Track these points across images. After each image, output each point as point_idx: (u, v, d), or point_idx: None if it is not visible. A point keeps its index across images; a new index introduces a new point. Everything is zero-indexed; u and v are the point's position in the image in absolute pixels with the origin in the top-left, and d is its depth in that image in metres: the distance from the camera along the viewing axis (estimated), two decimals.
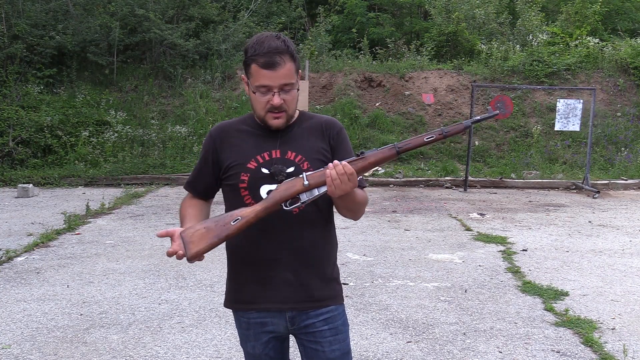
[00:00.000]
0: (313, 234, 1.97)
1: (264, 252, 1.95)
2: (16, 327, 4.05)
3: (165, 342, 3.80)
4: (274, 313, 1.97)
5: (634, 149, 12.41)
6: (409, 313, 4.35)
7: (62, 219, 7.23)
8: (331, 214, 2.05)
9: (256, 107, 1.93)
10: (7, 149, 11.29)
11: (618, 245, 6.57)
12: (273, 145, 1.96)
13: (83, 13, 14.13)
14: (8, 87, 12.45)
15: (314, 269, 1.98)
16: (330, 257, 2.05)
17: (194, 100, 13.21)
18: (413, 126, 13.15)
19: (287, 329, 2.00)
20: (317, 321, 1.98)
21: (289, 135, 1.98)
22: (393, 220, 7.76)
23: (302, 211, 1.93)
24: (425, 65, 14.54)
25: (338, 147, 2.01)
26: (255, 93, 1.90)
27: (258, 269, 1.96)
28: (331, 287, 2.03)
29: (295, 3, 16.92)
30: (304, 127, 2.01)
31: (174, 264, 5.58)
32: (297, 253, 1.95)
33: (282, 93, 1.88)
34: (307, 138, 1.99)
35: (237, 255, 2.01)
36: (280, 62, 1.85)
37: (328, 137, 2.01)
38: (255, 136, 1.98)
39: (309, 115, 2.07)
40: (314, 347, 2.00)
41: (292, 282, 1.95)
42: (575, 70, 14.03)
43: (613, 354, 3.64)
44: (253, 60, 1.86)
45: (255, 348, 2.01)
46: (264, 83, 1.86)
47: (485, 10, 16.40)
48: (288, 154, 1.95)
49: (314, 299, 1.97)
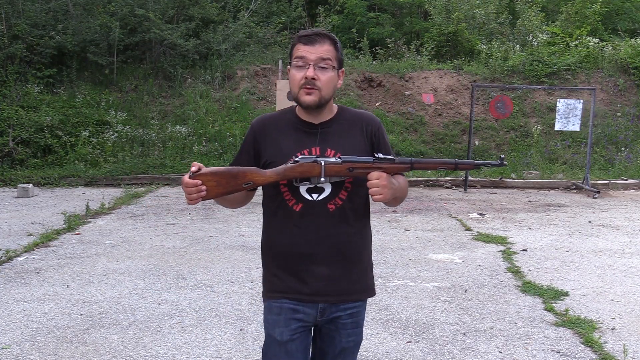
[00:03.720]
0: (348, 229, 2.03)
1: (300, 247, 2.00)
2: (16, 327, 4.04)
3: (165, 342, 3.80)
4: (307, 304, 2.02)
5: (634, 149, 12.42)
6: (409, 313, 4.34)
7: (62, 219, 7.23)
8: (367, 209, 2.11)
9: (292, 85, 1.99)
10: (7, 149, 11.29)
11: (618, 245, 6.57)
12: (313, 142, 2.01)
13: (83, 13, 14.12)
14: (8, 87, 12.45)
15: (348, 264, 2.04)
16: (365, 252, 2.12)
17: (194, 100, 13.21)
18: (413, 126, 13.15)
19: (316, 320, 2.05)
20: (344, 314, 2.06)
21: (328, 131, 2.03)
22: (393, 220, 7.76)
23: (338, 209, 2.00)
24: (425, 65, 14.54)
25: (378, 144, 2.07)
26: (292, 70, 1.97)
27: (294, 262, 2.02)
28: (365, 280, 2.11)
29: (295, 3, 16.92)
30: (343, 123, 2.06)
31: (174, 264, 5.58)
32: (333, 248, 2.01)
33: (317, 69, 1.94)
34: (347, 135, 2.04)
35: (274, 249, 2.06)
36: (319, 40, 1.95)
37: (369, 134, 2.06)
38: (296, 132, 2.02)
39: (348, 110, 2.11)
40: (333, 335, 2.08)
41: (327, 276, 2.01)
42: (575, 70, 14.03)
43: (613, 354, 3.64)
44: (297, 40, 1.98)
45: (283, 334, 2.03)
46: (301, 54, 1.94)
47: (485, 10, 16.41)
48: (327, 152, 2.00)
49: (347, 293, 2.05)
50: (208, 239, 6.65)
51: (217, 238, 6.67)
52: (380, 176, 1.90)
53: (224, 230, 7.06)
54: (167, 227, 7.21)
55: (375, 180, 1.89)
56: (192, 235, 6.82)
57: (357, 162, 1.94)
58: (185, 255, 5.94)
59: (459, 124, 13.19)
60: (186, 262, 5.66)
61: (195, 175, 1.91)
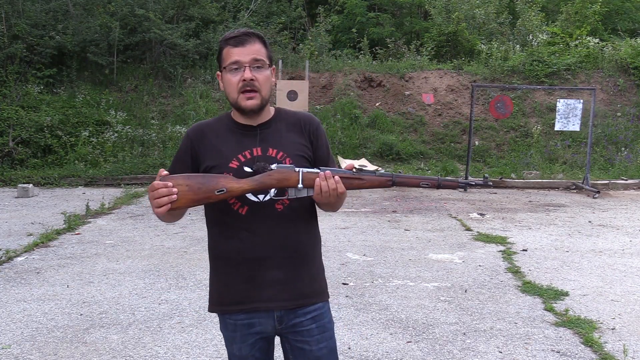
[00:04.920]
0: (298, 230, 1.97)
1: (250, 251, 1.92)
2: (16, 327, 4.05)
3: (165, 342, 3.80)
4: (262, 313, 1.95)
5: (634, 149, 12.42)
6: (409, 313, 4.34)
7: (62, 219, 7.23)
8: (314, 209, 2.06)
9: (229, 90, 1.94)
10: (7, 149, 11.29)
11: (618, 245, 6.57)
12: (253, 143, 1.96)
13: (83, 13, 14.13)
14: (8, 87, 12.45)
15: (302, 266, 1.98)
16: (316, 252, 2.06)
17: (194, 100, 13.22)
18: (413, 126, 13.15)
19: (275, 329, 1.98)
20: (305, 320, 1.97)
21: (268, 131, 1.98)
22: (393, 220, 7.76)
23: (287, 208, 1.94)
24: (425, 65, 14.55)
25: (317, 144, 2.03)
26: (227, 75, 1.92)
27: (245, 268, 1.93)
28: (318, 283, 2.04)
29: (295, 3, 16.92)
30: (282, 123, 2.02)
31: (174, 264, 5.58)
32: (284, 250, 1.94)
33: (253, 70, 1.90)
34: (287, 134, 2.00)
35: (223, 256, 1.98)
36: (249, 40, 1.91)
37: (308, 133, 2.02)
38: (234, 135, 1.97)
39: (286, 112, 2.08)
40: (301, 346, 1.99)
41: (281, 280, 1.94)
42: (575, 70, 14.03)
43: (613, 354, 3.64)
44: (225, 43, 1.93)
45: (241, 350, 1.98)
46: (234, 59, 1.90)
47: (485, 10, 16.41)
48: (269, 151, 1.95)
49: (303, 296, 1.97)
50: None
51: None
52: (338, 182, 1.86)
53: None
54: (167, 227, 7.21)
55: (331, 182, 1.85)
56: (192, 235, 6.82)
57: (337, 173, 1.89)
58: (185, 255, 5.94)
59: (459, 124, 13.19)
60: (186, 262, 5.66)
61: (166, 178, 1.79)
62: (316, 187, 1.85)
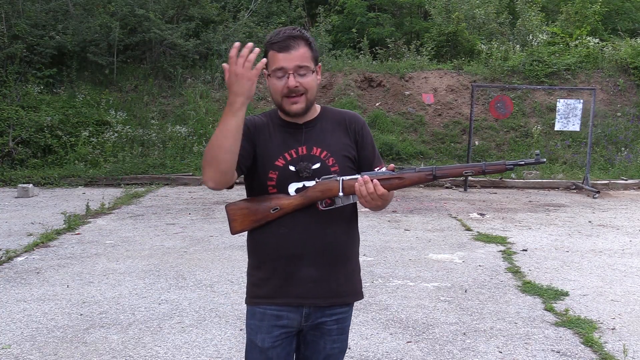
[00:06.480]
0: (337, 230, 2.01)
1: (289, 248, 1.97)
2: (16, 327, 4.05)
3: (165, 342, 3.80)
4: (292, 308, 1.98)
5: (634, 149, 12.42)
6: (409, 313, 4.34)
7: (62, 219, 7.23)
8: (355, 210, 2.09)
9: (274, 93, 1.95)
10: (7, 149, 11.28)
11: (618, 245, 6.57)
12: (298, 141, 1.98)
13: (83, 13, 14.12)
14: (8, 87, 12.45)
15: (337, 265, 2.01)
16: (353, 252, 2.09)
17: (194, 100, 13.21)
18: (413, 126, 13.14)
19: (300, 325, 2.01)
20: (329, 320, 2.03)
21: (313, 130, 2.01)
22: (393, 220, 7.76)
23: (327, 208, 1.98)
24: (425, 65, 14.54)
25: (362, 143, 2.05)
26: (272, 79, 1.93)
27: (282, 264, 1.98)
28: (353, 283, 2.08)
29: (295, 3, 16.91)
30: (328, 122, 2.04)
31: (174, 264, 5.59)
32: (321, 249, 1.97)
33: (297, 76, 1.91)
34: (331, 133, 2.02)
35: (262, 250, 2.02)
36: (294, 46, 1.90)
37: (353, 132, 2.04)
38: (281, 132, 2.00)
39: (331, 110, 2.10)
40: (316, 341, 2.04)
41: (314, 278, 1.97)
42: (575, 70, 14.03)
43: (613, 354, 3.64)
44: (270, 47, 1.93)
45: (264, 341, 1.99)
46: (279, 65, 1.90)
47: (485, 10, 16.41)
48: (314, 150, 1.98)
49: (337, 295, 2.01)
50: (208, 239, 6.65)
51: (217, 238, 6.67)
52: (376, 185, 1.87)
53: (224, 230, 7.06)
54: (167, 227, 7.21)
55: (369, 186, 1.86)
56: (192, 235, 6.82)
57: (376, 175, 1.91)
58: (185, 255, 5.94)
59: (459, 124, 13.19)
60: (186, 262, 5.66)
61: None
62: (357, 192, 1.89)
